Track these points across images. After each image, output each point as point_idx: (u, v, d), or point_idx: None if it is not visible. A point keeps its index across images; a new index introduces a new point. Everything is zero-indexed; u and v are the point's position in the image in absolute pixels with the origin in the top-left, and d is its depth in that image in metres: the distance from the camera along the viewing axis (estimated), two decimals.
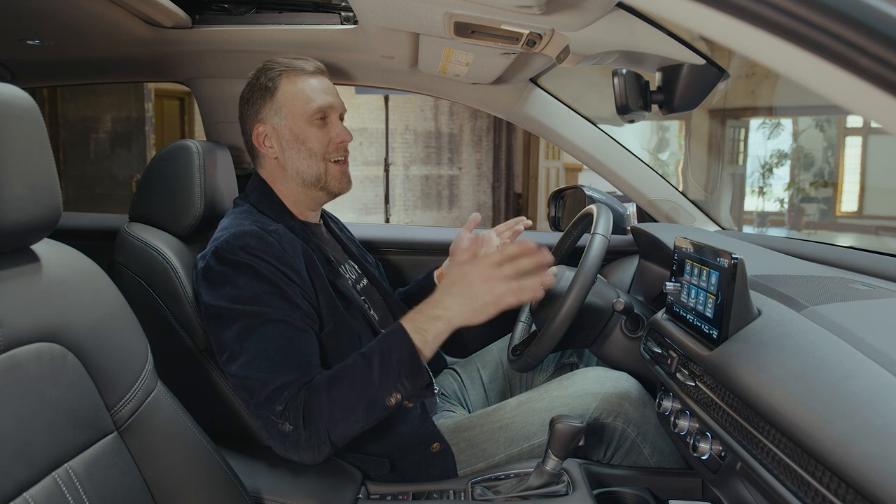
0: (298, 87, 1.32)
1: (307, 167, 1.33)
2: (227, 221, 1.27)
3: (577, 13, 1.07)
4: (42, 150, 0.69)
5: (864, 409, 0.63)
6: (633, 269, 1.72)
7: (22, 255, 0.72)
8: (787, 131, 9.04)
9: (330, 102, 1.34)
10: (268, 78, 1.33)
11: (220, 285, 1.16)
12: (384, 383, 1.05)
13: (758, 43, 0.54)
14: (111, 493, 0.73)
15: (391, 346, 1.07)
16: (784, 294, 0.96)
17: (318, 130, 1.33)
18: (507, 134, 11.07)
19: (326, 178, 1.34)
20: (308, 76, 1.34)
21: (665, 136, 9.93)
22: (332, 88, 1.37)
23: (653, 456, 1.24)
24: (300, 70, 1.33)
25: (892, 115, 0.50)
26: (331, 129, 1.34)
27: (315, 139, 1.32)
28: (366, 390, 1.05)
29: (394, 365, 1.05)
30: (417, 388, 1.07)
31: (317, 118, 1.32)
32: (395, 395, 1.05)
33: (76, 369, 0.72)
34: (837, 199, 9.23)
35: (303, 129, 1.32)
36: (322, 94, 1.34)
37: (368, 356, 1.08)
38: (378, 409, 1.06)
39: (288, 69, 1.33)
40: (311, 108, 1.32)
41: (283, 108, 1.32)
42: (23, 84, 1.40)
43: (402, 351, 1.06)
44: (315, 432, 1.05)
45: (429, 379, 1.09)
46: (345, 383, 1.06)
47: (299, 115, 1.32)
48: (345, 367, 1.09)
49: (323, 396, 1.06)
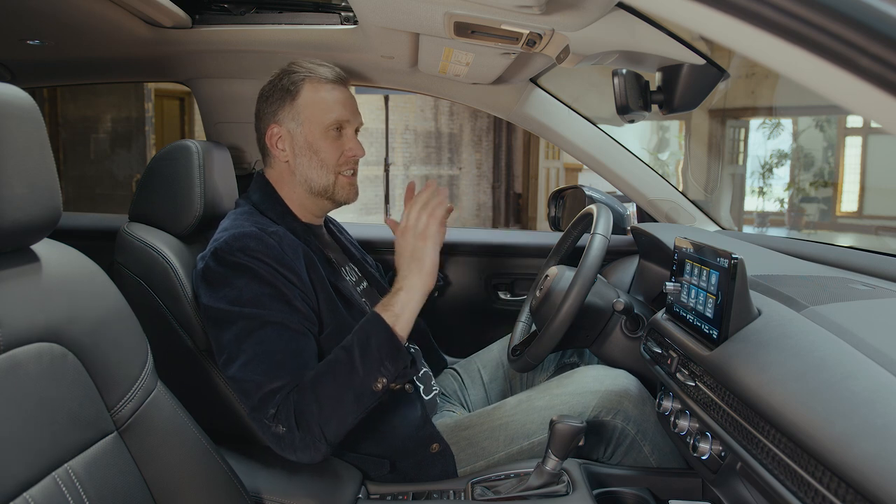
0: (320, 96, 1.31)
1: (317, 177, 1.32)
2: (227, 222, 1.27)
3: (577, 13, 1.07)
4: (42, 150, 0.69)
5: (864, 409, 0.63)
6: (633, 269, 1.72)
7: (22, 255, 0.72)
8: (787, 131, 9.04)
9: (348, 116, 1.33)
10: (290, 81, 1.31)
11: (219, 287, 1.16)
12: (368, 370, 1.08)
13: (758, 43, 0.54)
14: (111, 493, 0.73)
15: (368, 333, 1.11)
16: (784, 294, 0.96)
17: (333, 143, 1.31)
18: (507, 134, 11.07)
19: (334, 189, 1.33)
20: (331, 85, 1.32)
21: (665, 136, 9.93)
22: (351, 101, 1.35)
23: (652, 454, 1.24)
24: (324, 78, 1.31)
25: (892, 115, 0.50)
26: (345, 142, 1.33)
27: (328, 151, 1.31)
28: (351, 381, 1.07)
29: (373, 350, 1.09)
30: (400, 367, 1.10)
31: (333, 129, 1.31)
32: (380, 379, 1.08)
33: (76, 369, 0.72)
34: (837, 199, 9.23)
35: (317, 139, 1.30)
36: (342, 106, 1.32)
37: (348, 347, 1.10)
38: (367, 398, 1.08)
39: (312, 75, 1.31)
40: (329, 119, 1.30)
41: (301, 113, 1.30)
42: (23, 84, 1.39)
43: (379, 335, 1.10)
44: (308, 432, 1.06)
45: (410, 357, 1.12)
46: (329, 378, 1.08)
47: (316, 124, 1.30)
48: (328, 363, 1.10)
49: (311, 395, 1.07)
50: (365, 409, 1.09)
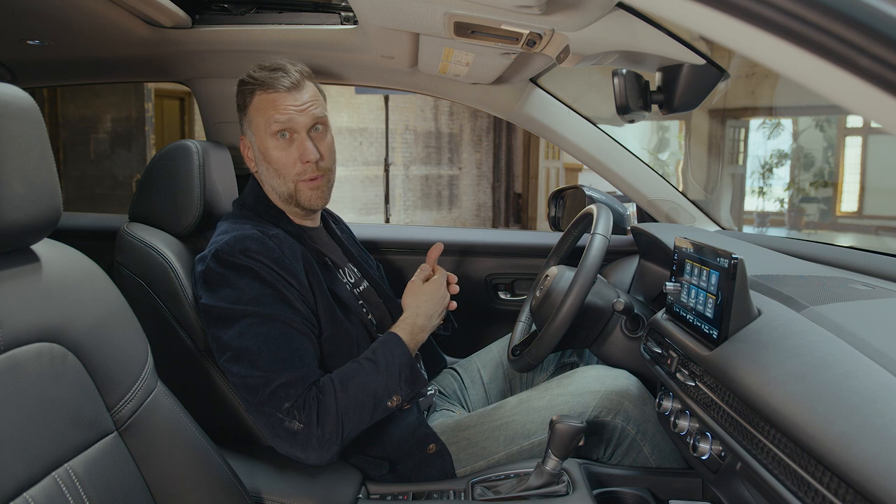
0: (264, 105, 1.26)
1: (278, 185, 1.30)
2: (226, 226, 1.26)
3: (577, 13, 1.07)
4: (42, 150, 0.69)
5: (865, 408, 0.63)
6: (633, 269, 1.72)
7: (22, 255, 0.72)
8: (787, 131, 9.04)
9: (289, 120, 1.25)
10: (241, 94, 1.30)
11: (221, 287, 1.16)
12: (388, 386, 1.15)
13: (758, 43, 0.54)
14: (111, 493, 0.73)
15: (393, 352, 1.19)
16: (784, 294, 0.96)
17: (283, 151, 1.27)
18: (507, 134, 11.07)
19: (297, 196, 1.30)
20: (275, 93, 1.26)
21: (665, 136, 9.93)
22: (303, 103, 1.26)
23: (652, 454, 1.24)
24: (269, 88, 1.26)
25: (892, 115, 0.50)
26: (297, 147, 1.27)
27: (280, 160, 1.27)
28: (374, 392, 1.14)
29: (396, 370, 1.17)
30: (415, 391, 1.19)
31: (278, 137, 1.27)
32: (395, 397, 1.16)
33: (76, 369, 0.72)
34: (837, 199, 9.23)
35: (268, 149, 1.28)
36: (286, 111, 1.25)
37: (374, 360, 1.17)
38: (380, 411, 1.15)
39: (261, 86, 1.26)
40: (273, 128, 1.26)
41: (252, 123, 1.30)
42: (23, 84, 1.40)
43: (403, 358, 1.19)
44: (329, 431, 1.09)
45: (425, 383, 1.21)
46: (357, 384, 1.14)
47: (262, 132, 1.27)
48: (354, 370, 1.16)
49: (338, 395, 1.11)
50: (375, 419, 1.15)
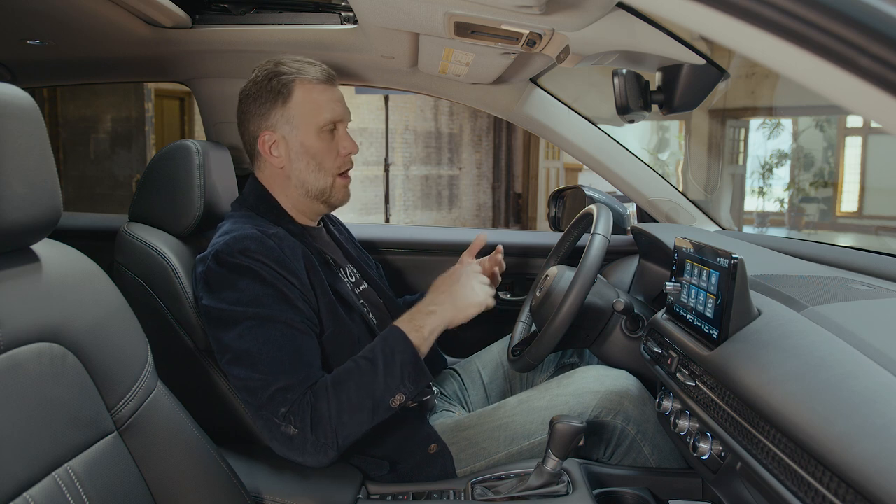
0: (312, 97, 1.28)
1: (314, 180, 1.30)
2: (227, 226, 1.26)
3: (577, 13, 1.07)
4: (42, 150, 0.69)
5: (865, 408, 0.63)
6: (633, 269, 1.72)
7: (22, 255, 0.72)
8: (787, 131, 9.04)
9: (341, 115, 1.31)
10: (280, 83, 1.27)
11: (221, 288, 1.16)
12: (389, 385, 1.10)
13: (758, 43, 0.54)
14: (111, 493, 0.73)
15: (393, 349, 1.12)
16: (784, 294, 0.96)
17: (328, 143, 1.30)
18: (507, 134, 11.07)
19: (331, 191, 1.32)
20: (321, 85, 1.29)
21: (665, 136, 9.93)
22: (340, 97, 1.33)
23: (652, 454, 1.24)
24: (314, 78, 1.29)
25: (892, 115, 0.50)
26: (339, 141, 1.32)
27: (325, 153, 1.29)
28: (372, 393, 1.09)
29: (397, 367, 1.10)
30: (420, 388, 1.12)
31: (327, 130, 1.29)
32: (399, 396, 1.10)
33: (76, 369, 0.72)
34: (837, 199, 9.23)
35: (313, 142, 1.28)
36: (333, 105, 1.30)
37: (372, 359, 1.11)
38: (382, 411, 1.10)
39: (302, 76, 1.28)
40: (323, 120, 1.28)
41: (294, 117, 1.28)
42: (23, 84, 1.40)
43: (405, 353, 1.12)
44: (323, 436, 1.06)
45: (430, 378, 1.14)
46: (351, 386, 1.09)
47: (311, 126, 1.28)
48: (349, 371, 1.11)
49: (330, 399, 1.07)
50: (377, 421, 1.10)
